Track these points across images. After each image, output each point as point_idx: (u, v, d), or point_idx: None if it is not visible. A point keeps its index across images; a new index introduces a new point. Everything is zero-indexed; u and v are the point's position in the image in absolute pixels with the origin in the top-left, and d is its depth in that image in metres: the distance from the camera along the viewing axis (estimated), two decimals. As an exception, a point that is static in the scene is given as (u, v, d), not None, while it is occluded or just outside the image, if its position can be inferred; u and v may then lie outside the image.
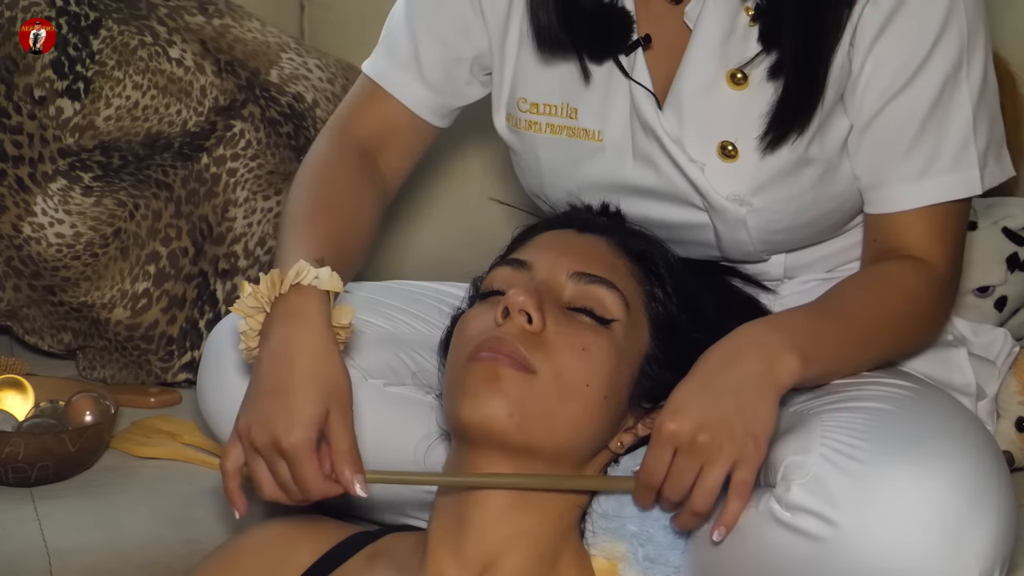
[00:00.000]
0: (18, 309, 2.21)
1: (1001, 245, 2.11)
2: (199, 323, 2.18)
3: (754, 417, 1.50)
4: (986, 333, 1.87)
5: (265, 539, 1.64)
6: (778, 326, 1.57)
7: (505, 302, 1.56)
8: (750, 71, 1.66)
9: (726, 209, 1.69)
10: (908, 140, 1.64)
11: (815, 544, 1.46)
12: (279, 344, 1.55)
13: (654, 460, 1.52)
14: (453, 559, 1.56)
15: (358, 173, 1.77)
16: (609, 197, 1.74)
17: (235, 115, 2.19)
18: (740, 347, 1.54)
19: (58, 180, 2.13)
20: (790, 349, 1.53)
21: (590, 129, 1.73)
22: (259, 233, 2.20)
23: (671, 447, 1.51)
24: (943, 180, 1.65)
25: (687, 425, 1.50)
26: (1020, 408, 1.92)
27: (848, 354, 1.60)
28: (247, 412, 1.55)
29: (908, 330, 1.66)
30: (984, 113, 1.66)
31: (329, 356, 1.54)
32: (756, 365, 1.52)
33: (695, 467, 1.50)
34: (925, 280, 1.65)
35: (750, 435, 1.49)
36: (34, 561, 1.76)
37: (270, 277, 1.57)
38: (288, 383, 1.53)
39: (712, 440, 1.49)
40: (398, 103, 1.81)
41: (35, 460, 1.89)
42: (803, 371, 1.53)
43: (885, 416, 1.53)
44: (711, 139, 1.68)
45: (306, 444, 1.51)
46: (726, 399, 1.51)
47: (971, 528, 1.45)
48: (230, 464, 1.56)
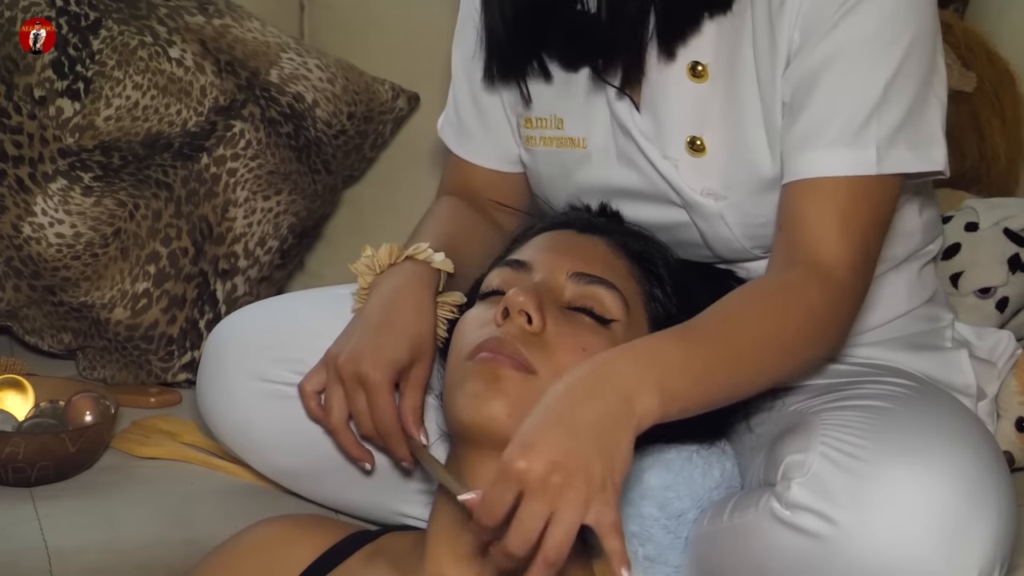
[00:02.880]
0: (18, 309, 2.21)
1: (1003, 246, 2.11)
2: (199, 323, 2.18)
3: (611, 458, 1.36)
4: (989, 336, 1.87)
5: (265, 538, 1.64)
6: (641, 359, 1.44)
7: (505, 302, 1.56)
8: (707, 62, 1.67)
9: (701, 204, 1.70)
10: (803, 103, 1.61)
11: (815, 542, 1.46)
12: (387, 293, 1.68)
13: (494, 499, 1.36)
14: (453, 559, 1.56)
15: (473, 210, 1.87)
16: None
17: (235, 115, 2.19)
18: (597, 381, 1.41)
19: (58, 180, 2.13)
20: (650, 388, 1.41)
21: (575, 137, 1.76)
22: (259, 233, 2.20)
23: (517, 487, 1.35)
24: (836, 152, 1.58)
25: (539, 464, 1.34)
26: (1020, 408, 1.92)
27: (724, 383, 1.48)
28: (340, 343, 1.67)
29: (799, 347, 1.54)
30: (904, 95, 1.59)
31: (426, 317, 1.67)
32: (613, 402, 1.39)
33: (545, 512, 1.34)
34: (822, 289, 1.55)
35: (607, 475, 1.35)
36: (34, 561, 1.76)
37: (389, 247, 1.72)
38: (385, 325, 1.65)
39: (566, 482, 1.34)
40: (474, 165, 1.89)
41: (35, 460, 1.89)
42: (663, 410, 1.42)
43: (885, 414, 1.53)
44: (680, 135, 1.69)
45: (387, 380, 1.63)
46: (583, 436, 1.36)
47: (971, 526, 1.45)
48: (309, 386, 1.69)
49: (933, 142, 1.62)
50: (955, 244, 2.12)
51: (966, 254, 2.12)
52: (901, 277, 1.79)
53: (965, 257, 2.12)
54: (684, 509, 1.60)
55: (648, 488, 1.59)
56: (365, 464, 1.71)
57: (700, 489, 1.61)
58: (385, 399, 1.63)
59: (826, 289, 1.55)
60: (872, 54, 1.59)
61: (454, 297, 1.71)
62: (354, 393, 1.64)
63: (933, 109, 1.62)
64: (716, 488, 1.61)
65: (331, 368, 1.66)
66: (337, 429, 1.67)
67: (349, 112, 2.28)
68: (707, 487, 1.61)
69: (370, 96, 2.31)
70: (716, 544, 1.56)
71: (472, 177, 1.89)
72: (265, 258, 2.22)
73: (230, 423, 1.82)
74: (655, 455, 1.61)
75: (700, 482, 1.61)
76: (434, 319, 1.69)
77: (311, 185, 2.25)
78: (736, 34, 1.66)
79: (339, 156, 2.29)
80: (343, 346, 1.66)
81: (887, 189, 1.61)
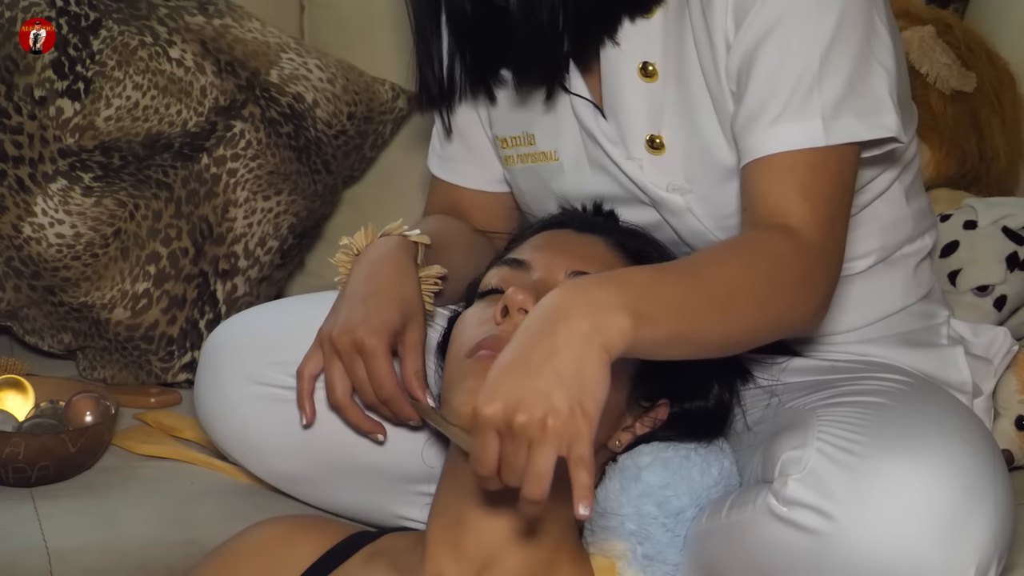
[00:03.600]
0: (18, 309, 2.21)
1: (1001, 244, 2.11)
2: (199, 323, 2.18)
3: (579, 385, 1.35)
4: (986, 333, 1.87)
5: (264, 539, 1.64)
6: (609, 281, 1.42)
7: (504, 300, 1.56)
8: (655, 62, 1.70)
9: (668, 200, 1.71)
10: (745, 86, 1.62)
11: (812, 538, 1.46)
12: (367, 266, 1.70)
13: (480, 449, 1.38)
14: (452, 558, 1.56)
15: (460, 221, 1.91)
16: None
17: (235, 115, 2.20)
18: (563, 305, 1.38)
19: (58, 180, 2.13)
20: (620, 306, 1.38)
21: (547, 151, 1.80)
22: (259, 233, 2.20)
23: (492, 433, 1.37)
24: (782, 127, 1.58)
25: (498, 408, 1.35)
26: (1020, 407, 1.92)
27: (696, 317, 1.45)
28: (329, 320, 1.68)
29: (772, 297, 1.51)
30: (842, 64, 1.59)
31: (409, 280, 1.69)
32: (580, 324, 1.36)
33: (523, 450, 1.36)
34: (791, 245, 1.53)
35: (577, 405, 1.34)
36: (34, 561, 1.76)
37: (364, 230, 1.74)
38: (371, 294, 1.67)
39: (530, 420, 1.34)
40: (460, 187, 1.92)
41: (35, 460, 1.89)
42: (636, 331, 1.38)
43: (881, 410, 1.53)
44: (639, 134, 1.72)
45: (383, 343, 1.64)
46: (544, 370, 1.35)
47: (968, 521, 1.44)
48: (307, 370, 1.69)
49: (882, 109, 1.60)
50: (953, 242, 2.12)
51: (964, 252, 2.12)
52: (896, 273, 1.79)
53: (963, 255, 2.12)
54: (682, 507, 1.60)
55: (646, 487, 1.59)
56: (378, 436, 1.71)
57: (698, 487, 1.61)
58: (384, 364, 1.63)
59: (795, 246, 1.53)
60: (803, 28, 1.59)
61: (435, 269, 1.73)
62: (353, 364, 1.65)
63: (878, 76, 1.61)
64: (714, 486, 1.61)
65: (326, 345, 1.66)
66: (343, 404, 1.68)
67: (349, 112, 2.28)
68: (705, 485, 1.61)
69: (370, 96, 2.31)
70: (714, 542, 1.56)
71: (459, 198, 1.92)
72: (265, 258, 2.22)
73: (227, 427, 1.82)
74: (653, 454, 1.61)
75: (698, 480, 1.61)
76: (417, 281, 1.70)
77: (311, 185, 2.25)
78: (679, 32, 1.68)
79: (339, 156, 2.29)
80: (333, 322, 1.66)
81: (844, 159, 1.59)
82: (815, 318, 1.57)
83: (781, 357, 1.76)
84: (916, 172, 1.82)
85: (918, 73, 2.28)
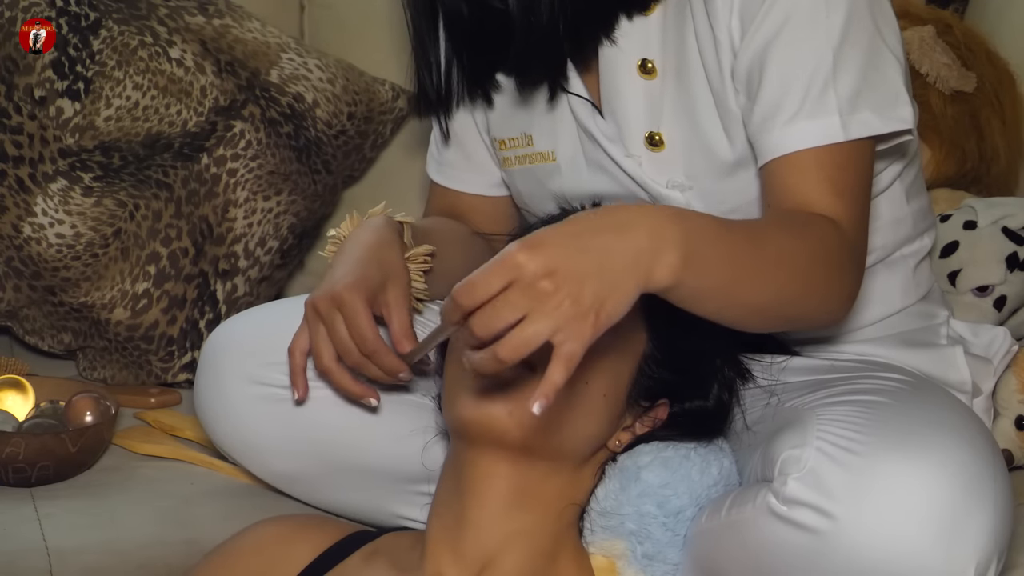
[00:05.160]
0: (18, 309, 2.21)
1: (1001, 244, 2.11)
2: (199, 323, 2.18)
3: (610, 290, 1.35)
4: (985, 333, 1.87)
5: (263, 539, 1.64)
6: (681, 220, 1.42)
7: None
8: (654, 59, 1.70)
9: (668, 198, 1.72)
10: (759, 86, 1.62)
11: (812, 537, 1.46)
12: (349, 242, 1.70)
13: (482, 279, 1.34)
14: (452, 558, 1.56)
15: (457, 222, 1.91)
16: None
17: (235, 115, 2.20)
18: (633, 219, 1.39)
19: (58, 180, 2.13)
20: (678, 243, 1.39)
21: (544, 152, 1.80)
22: (259, 233, 2.20)
23: (508, 277, 1.33)
24: (801, 124, 1.59)
25: (536, 263, 1.33)
26: (1020, 406, 1.92)
27: (742, 275, 1.46)
28: (313, 293, 1.67)
29: (811, 277, 1.53)
30: (854, 59, 1.60)
31: (389, 246, 1.69)
32: (640, 242, 1.37)
33: (520, 308, 1.33)
34: (835, 232, 1.55)
35: (595, 306, 1.34)
36: (34, 561, 1.76)
37: (350, 217, 1.74)
38: (351, 259, 1.67)
39: (554, 292, 1.33)
40: (459, 192, 1.93)
41: (35, 460, 1.89)
42: (682, 272, 1.39)
43: (880, 409, 1.53)
44: (638, 132, 1.73)
45: (361, 297, 1.62)
46: (591, 257, 1.35)
47: (968, 520, 1.44)
48: (297, 346, 1.68)
49: (898, 101, 1.62)
50: (953, 242, 2.12)
51: (964, 252, 2.12)
52: (895, 274, 1.79)
53: (963, 255, 2.12)
54: (682, 507, 1.60)
55: (646, 486, 1.60)
56: (371, 400, 1.70)
57: (698, 487, 1.61)
58: (363, 317, 1.62)
59: (838, 234, 1.55)
60: (813, 24, 1.60)
61: (424, 248, 1.73)
62: (334, 323, 1.64)
63: (892, 67, 1.63)
64: (714, 485, 1.61)
65: (309, 312, 1.66)
66: (329, 369, 1.67)
67: (349, 112, 2.28)
68: (705, 485, 1.61)
69: (370, 96, 2.31)
70: (714, 541, 1.56)
71: (458, 203, 1.93)
72: (265, 258, 2.22)
73: (227, 428, 1.82)
74: (653, 453, 1.61)
75: (698, 480, 1.61)
76: (400, 248, 1.70)
77: (311, 185, 2.25)
78: (679, 29, 1.69)
79: (339, 156, 2.29)
80: (315, 292, 1.67)
81: (862, 154, 1.61)
82: (840, 310, 1.60)
83: (781, 357, 1.76)
84: (917, 171, 1.82)
85: (918, 73, 2.28)
